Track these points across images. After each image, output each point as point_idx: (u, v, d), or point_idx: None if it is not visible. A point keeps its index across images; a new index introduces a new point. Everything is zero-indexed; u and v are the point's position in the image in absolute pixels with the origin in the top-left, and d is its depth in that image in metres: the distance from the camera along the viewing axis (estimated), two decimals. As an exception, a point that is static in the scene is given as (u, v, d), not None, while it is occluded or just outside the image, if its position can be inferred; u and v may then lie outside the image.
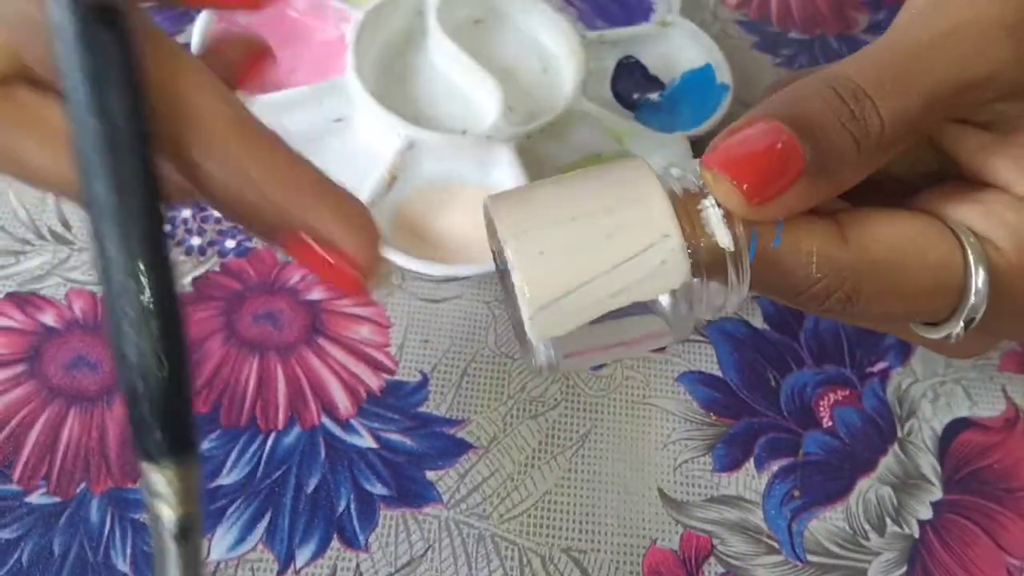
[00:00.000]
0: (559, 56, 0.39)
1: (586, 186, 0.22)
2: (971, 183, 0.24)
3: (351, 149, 0.36)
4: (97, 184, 0.17)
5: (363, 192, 0.33)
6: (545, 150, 0.36)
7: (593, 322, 0.21)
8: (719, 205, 0.21)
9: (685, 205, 0.21)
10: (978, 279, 0.22)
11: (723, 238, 0.21)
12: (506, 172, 0.34)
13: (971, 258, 0.22)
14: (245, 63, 0.25)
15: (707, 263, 0.21)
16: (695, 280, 0.21)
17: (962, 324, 0.23)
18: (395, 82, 0.38)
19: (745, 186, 0.21)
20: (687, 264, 0.21)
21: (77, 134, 0.18)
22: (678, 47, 0.41)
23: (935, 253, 0.23)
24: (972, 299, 0.23)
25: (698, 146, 0.37)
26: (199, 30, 0.36)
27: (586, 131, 0.37)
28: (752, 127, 0.21)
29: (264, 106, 0.35)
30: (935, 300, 0.23)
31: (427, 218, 0.34)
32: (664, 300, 0.21)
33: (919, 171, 0.26)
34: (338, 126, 0.36)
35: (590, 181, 0.22)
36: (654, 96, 0.40)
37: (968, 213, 0.23)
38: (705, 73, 0.40)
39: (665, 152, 0.36)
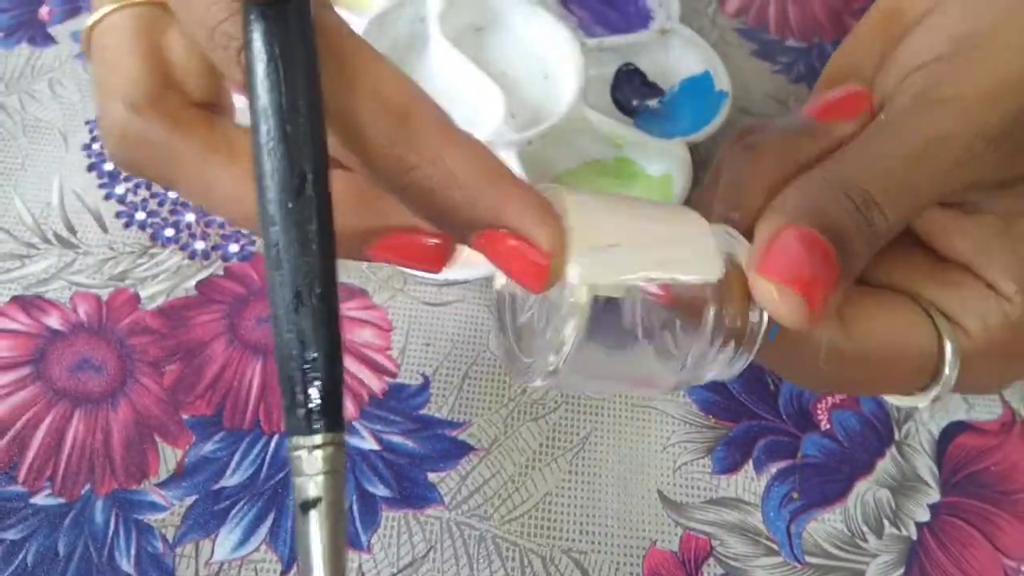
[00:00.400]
0: (559, 63, 0.39)
1: (644, 201, 0.25)
2: (938, 257, 0.26)
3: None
4: (271, 205, 0.19)
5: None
6: (546, 156, 0.36)
7: (607, 348, 0.22)
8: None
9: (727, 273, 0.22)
10: (950, 365, 0.24)
11: (755, 313, 0.22)
12: (507, 177, 0.35)
13: (947, 347, 0.24)
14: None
15: (727, 334, 0.22)
16: (708, 347, 0.22)
17: (929, 401, 0.26)
18: (397, 88, 0.38)
19: (806, 296, 0.21)
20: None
21: (258, 137, 0.19)
22: (677, 54, 0.41)
23: (918, 343, 0.24)
24: (942, 380, 0.25)
25: (697, 152, 0.37)
26: None
27: (587, 137, 0.37)
28: (790, 236, 0.22)
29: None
30: (910, 381, 0.25)
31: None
32: (672, 349, 0.22)
33: None
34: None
35: (647, 202, 0.25)
36: (653, 103, 0.40)
37: (943, 297, 0.25)
38: (704, 80, 0.40)
39: (664, 158, 0.37)
